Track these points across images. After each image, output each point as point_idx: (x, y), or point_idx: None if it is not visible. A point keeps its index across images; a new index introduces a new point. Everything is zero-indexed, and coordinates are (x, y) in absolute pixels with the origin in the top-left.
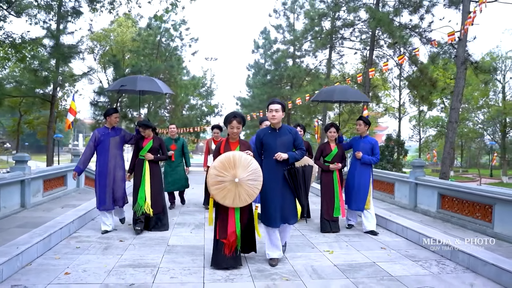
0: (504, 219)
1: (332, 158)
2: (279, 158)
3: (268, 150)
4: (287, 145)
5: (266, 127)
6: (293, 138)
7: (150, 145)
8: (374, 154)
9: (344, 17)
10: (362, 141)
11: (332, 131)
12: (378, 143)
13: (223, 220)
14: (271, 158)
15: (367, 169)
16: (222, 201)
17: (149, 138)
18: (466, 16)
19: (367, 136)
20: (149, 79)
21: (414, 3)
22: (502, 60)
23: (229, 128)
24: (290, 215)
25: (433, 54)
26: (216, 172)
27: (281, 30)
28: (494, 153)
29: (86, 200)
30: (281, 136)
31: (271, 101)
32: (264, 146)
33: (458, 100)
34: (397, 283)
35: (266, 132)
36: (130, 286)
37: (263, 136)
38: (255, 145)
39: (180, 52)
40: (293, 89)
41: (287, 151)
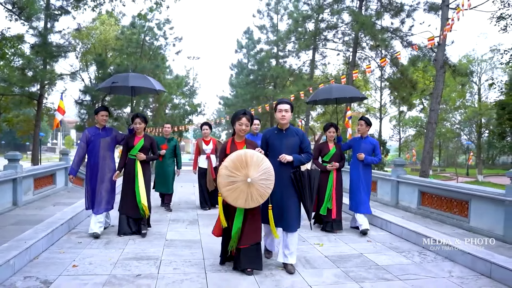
0: (478, 214)
1: (330, 158)
2: (283, 160)
3: (273, 151)
4: (293, 147)
5: (273, 127)
6: (300, 140)
7: (141, 144)
8: (376, 154)
9: (327, 19)
10: (363, 141)
11: (331, 131)
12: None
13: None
14: (276, 160)
15: (369, 170)
16: (234, 202)
17: (140, 136)
18: (445, 22)
19: (368, 136)
20: (141, 76)
21: (395, 7)
22: (478, 63)
23: (237, 125)
24: (292, 220)
25: (414, 57)
26: (227, 173)
27: (265, 30)
28: (470, 152)
29: (76, 198)
30: (288, 138)
31: (280, 101)
32: (270, 147)
33: (437, 102)
34: (383, 271)
35: (272, 133)
36: (137, 277)
37: (269, 136)
38: (261, 145)
39: (164, 51)
40: (277, 89)
41: (292, 153)
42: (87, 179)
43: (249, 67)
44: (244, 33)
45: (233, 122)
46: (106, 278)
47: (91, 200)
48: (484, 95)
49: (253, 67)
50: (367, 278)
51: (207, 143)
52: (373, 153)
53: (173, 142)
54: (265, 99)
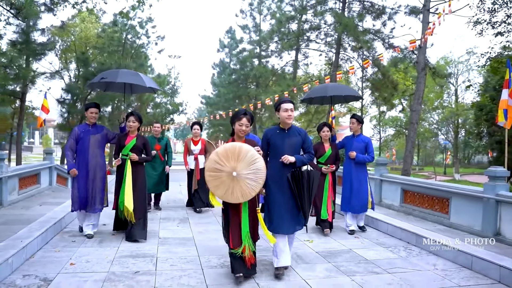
0: (458, 211)
1: (326, 160)
2: (286, 161)
3: (274, 151)
4: (295, 147)
5: (274, 126)
6: (302, 140)
7: (133, 143)
8: (368, 152)
9: (310, 20)
10: (355, 140)
11: (325, 131)
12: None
13: (236, 227)
14: (277, 160)
15: (362, 169)
16: (214, 190)
17: (133, 135)
18: (426, 26)
19: (360, 134)
20: (132, 73)
21: (377, 9)
22: (455, 64)
23: (237, 125)
24: (292, 222)
25: (395, 59)
26: (216, 159)
27: (247, 30)
28: (447, 152)
29: (61, 198)
30: (290, 137)
31: (284, 100)
32: (271, 146)
33: (419, 102)
34: (372, 265)
35: (274, 132)
36: (136, 273)
37: (271, 136)
38: (262, 145)
39: (146, 50)
40: (260, 89)
41: (294, 153)
42: (76, 179)
43: (231, 66)
44: (226, 32)
45: (233, 122)
46: (105, 275)
47: (80, 200)
48: (461, 96)
49: (235, 67)
50: (357, 272)
51: (195, 143)
52: (366, 151)
53: (163, 140)
54: (248, 99)
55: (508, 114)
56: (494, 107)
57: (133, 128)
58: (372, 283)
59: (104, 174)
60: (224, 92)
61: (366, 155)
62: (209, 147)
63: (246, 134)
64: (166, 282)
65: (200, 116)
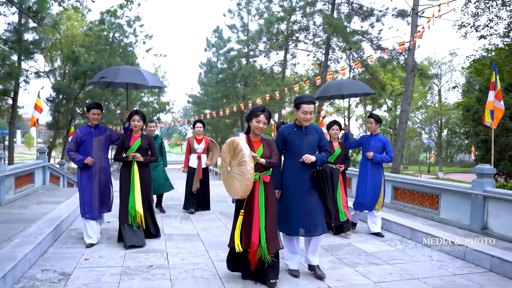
0: (448, 207)
1: (335, 159)
2: (307, 161)
3: (292, 150)
4: (313, 145)
5: (290, 124)
6: (319, 138)
7: (138, 144)
8: (387, 152)
9: (299, 21)
10: (372, 139)
11: (335, 129)
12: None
13: (247, 227)
14: (296, 159)
15: (379, 169)
16: (223, 183)
17: (137, 136)
18: (415, 29)
19: (377, 134)
20: (133, 70)
21: (365, 11)
22: (439, 65)
23: (254, 122)
24: (317, 223)
25: (384, 60)
26: (222, 152)
27: (235, 30)
28: (431, 151)
29: (57, 197)
30: (308, 136)
31: (306, 100)
32: (288, 145)
33: (408, 103)
34: (372, 257)
35: (291, 130)
36: (150, 267)
37: (288, 134)
38: (277, 143)
39: (134, 49)
40: (248, 88)
41: (312, 152)
42: (80, 182)
43: (219, 65)
44: (213, 31)
45: (249, 119)
46: (121, 269)
47: (88, 205)
48: (444, 96)
49: (222, 66)
50: (359, 263)
51: (199, 141)
52: (383, 151)
53: (158, 140)
54: (236, 98)
55: (494, 114)
56: (481, 108)
57: (137, 127)
58: (375, 273)
59: (108, 178)
60: (212, 91)
61: (384, 154)
62: (212, 146)
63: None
64: (180, 275)
65: (186, 115)
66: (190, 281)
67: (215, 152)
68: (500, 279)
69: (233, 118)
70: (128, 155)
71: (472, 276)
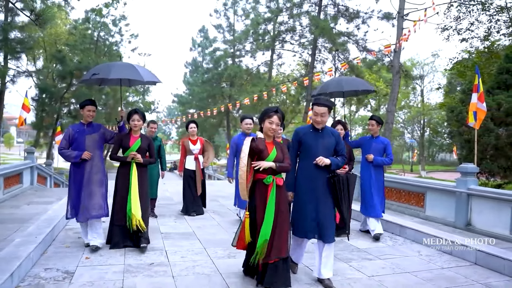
0: (433, 204)
1: None
2: (320, 163)
3: (307, 152)
4: (329, 148)
5: (307, 125)
6: (335, 141)
7: (138, 145)
8: (387, 154)
9: (286, 21)
10: (374, 141)
11: (338, 129)
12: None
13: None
14: (310, 162)
15: (381, 171)
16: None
17: (137, 136)
18: (401, 31)
19: (379, 136)
20: (127, 65)
21: (351, 13)
22: (421, 66)
23: (267, 123)
24: (329, 230)
25: (371, 62)
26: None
27: (221, 30)
28: (414, 150)
29: (46, 197)
30: (324, 138)
31: (318, 102)
32: (303, 146)
33: (394, 104)
34: (364, 253)
35: (307, 131)
36: (151, 265)
37: (303, 135)
38: (292, 144)
39: (119, 48)
40: (234, 88)
41: (328, 155)
42: (71, 183)
43: (204, 65)
44: (199, 31)
45: (262, 120)
46: (123, 267)
47: (75, 207)
48: (426, 97)
49: (208, 66)
50: (353, 259)
51: (194, 142)
52: (384, 153)
53: (157, 142)
54: (222, 98)
55: (477, 115)
56: (464, 109)
57: (138, 127)
58: (368, 268)
59: (103, 177)
60: (198, 91)
61: (384, 157)
62: (207, 146)
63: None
64: (182, 272)
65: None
66: (192, 277)
67: (210, 152)
68: (485, 271)
69: (219, 118)
70: (127, 155)
71: (459, 269)
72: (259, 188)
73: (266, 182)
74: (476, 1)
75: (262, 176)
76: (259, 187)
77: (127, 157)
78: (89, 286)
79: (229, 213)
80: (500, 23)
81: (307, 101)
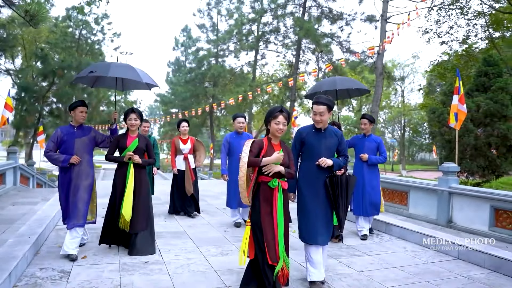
0: (416, 202)
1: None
2: (323, 165)
3: (309, 152)
4: (332, 149)
5: (309, 125)
6: (338, 141)
7: (136, 145)
8: (381, 153)
9: (270, 22)
10: (367, 140)
11: None
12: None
13: (272, 239)
14: (313, 162)
15: (375, 170)
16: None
17: (134, 136)
18: (384, 34)
19: (371, 134)
20: (126, 66)
21: (334, 15)
22: (402, 67)
23: (273, 124)
24: (327, 232)
25: (354, 63)
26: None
27: (205, 29)
28: (395, 149)
29: (30, 198)
30: (327, 138)
31: (316, 101)
32: (306, 147)
33: (377, 104)
34: (353, 249)
35: (309, 131)
36: (146, 263)
37: (306, 135)
38: (294, 144)
39: (101, 47)
40: (218, 88)
41: (331, 155)
42: (60, 188)
43: (187, 65)
44: (182, 30)
45: (268, 121)
46: (118, 266)
47: (67, 212)
48: (407, 97)
49: (191, 65)
50: (342, 255)
51: (184, 142)
52: (378, 151)
53: (151, 140)
54: (205, 98)
55: (458, 117)
56: (445, 110)
57: (135, 127)
58: (357, 263)
59: (91, 183)
60: (181, 90)
61: (378, 155)
62: (198, 146)
63: (240, 134)
64: (177, 270)
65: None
66: (188, 274)
67: (202, 152)
68: (467, 265)
69: (202, 118)
70: (124, 155)
71: (442, 263)
72: (263, 192)
73: (271, 186)
74: (455, 5)
75: (266, 179)
76: (263, 190)
77: (123, 157)
78: (87, 284)
79: (218, 212)
80: (477, 27)
81: (291, 101)
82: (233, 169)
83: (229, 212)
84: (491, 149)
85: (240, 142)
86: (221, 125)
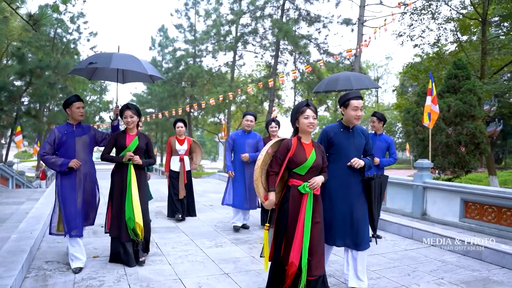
0: (393, 197)
1: None
2: (356, 166)
3: (339, 153)
4: (361, 148)
5: (335, 123)
6: (365, 141)
7: (136, 144)
8: (391, 154)
9: (248, 23)
10: (377, 139)
11: None
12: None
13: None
14: (343, 163)
15: (382, 171)
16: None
17: (133, 134)
18: (361, 37)
19: (382, 134)
20: (128, 57)
21: (312, 17)
22: (376, 68)
23: (302, 120)
24: (365, 236)
25: (332, 65)
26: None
27: (182, 29)
28: None
29: (13, 198)
30: (355, 138)
31: (355, 96)
32: (335, 147)
33: None
34: None
35: (337, 131)
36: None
37: (334, 135)
38: (320, 143)
39: (77, 46)
40: (196, 88)
41: (360, 156)
42: (61, 193)
43: (164, 65)
44: (159, 30)
45: (295, 118)
46: None
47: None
48: (380, 97)
49: (168, 65)
50: None
51: (181, 142)
52: (387, 152)
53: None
54: (183, 98)
55: (431, 116)
56: (419, 110)
57: (132, 124)
58: (342, 251)
59: (94, 186)
60: (159, 90)
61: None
62: (195, 147)
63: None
64: (177, 260)
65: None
66: (188, 264)
67: (198, 154)
68: (440, 250)
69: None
70: (123, 155)
71: (419, 250)
72: (293, 196)
73: (302, 191)
74: (427, 10)
75: (297, 183)
76: (293, 194)
77: (122, 158)
78: (94, 275)
79: (206, 208)
80: (447, 32)
81: (270, 101)
82: (236, 167)
83: (216, 208)
84: (460, 147)
85: (246, 141)
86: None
